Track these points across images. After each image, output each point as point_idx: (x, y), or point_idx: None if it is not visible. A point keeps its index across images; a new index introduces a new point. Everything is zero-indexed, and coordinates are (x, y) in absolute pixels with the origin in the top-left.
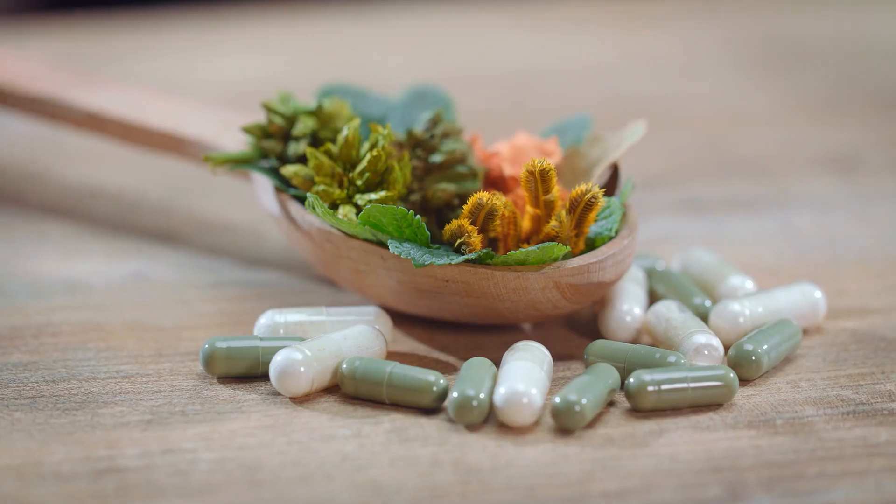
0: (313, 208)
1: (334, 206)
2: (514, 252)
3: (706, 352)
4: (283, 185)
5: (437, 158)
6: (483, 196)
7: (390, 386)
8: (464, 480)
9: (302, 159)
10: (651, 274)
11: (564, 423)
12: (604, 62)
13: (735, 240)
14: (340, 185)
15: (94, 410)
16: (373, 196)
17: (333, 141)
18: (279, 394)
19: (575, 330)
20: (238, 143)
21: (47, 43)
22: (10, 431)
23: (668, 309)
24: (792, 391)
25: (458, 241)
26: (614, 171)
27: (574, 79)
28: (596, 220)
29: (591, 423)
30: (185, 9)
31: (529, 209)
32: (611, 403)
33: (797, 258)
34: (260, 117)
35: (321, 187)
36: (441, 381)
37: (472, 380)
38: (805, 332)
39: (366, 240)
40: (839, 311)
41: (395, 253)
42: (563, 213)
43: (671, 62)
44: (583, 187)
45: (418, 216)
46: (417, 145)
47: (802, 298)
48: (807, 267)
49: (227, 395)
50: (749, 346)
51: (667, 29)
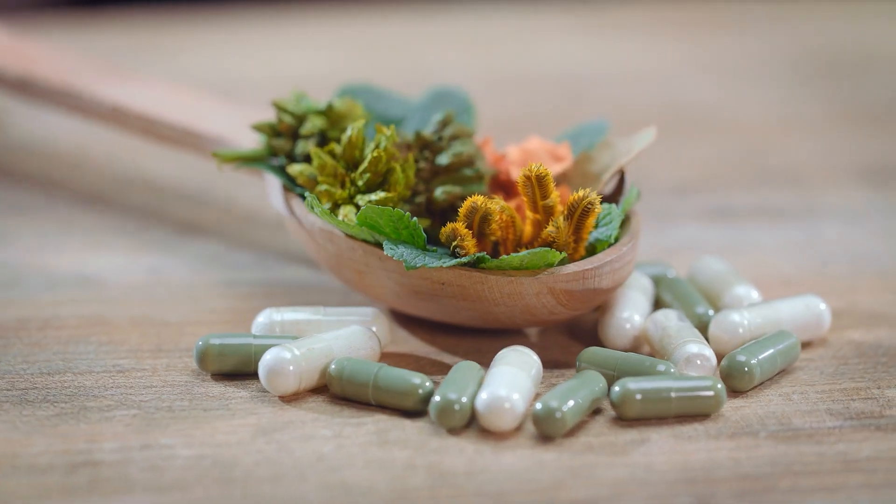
0: (312, 208)
1: (337, 206)
2: (506, 256)
3: (698, 361)
4: (291, 184)
5: (443, 160)
6: (477, 200)
7: (376, 388)
8: (434, 484)
9: (309, 158)
10: (659, 281)
11: (545, 430)
12: (658, 67)
13: (757, 249)
14: (342, 186)
15: (82, 404)
16: (372, 197)
17: (340, 141)
18: (269, 392)
19: (577, 336)
20: (254, 141)
21: (97, 36)
22: None
23: (667, 317)
24: (782, 404)
25: (453, 244)
26: (621, 178)
27: (626, 83)
28: (596, 227)
29: (574, 430)
30: (251, 5)
31: (529, 214)
32: (598, 411)
33: (817, 269)
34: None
35: (324, 187)
36: (427, 384)
37: (456, 383)
38: (808, 344)
39: (364, 241)
40: (847, 323)
41: (389, 254)
42: (561, 218)
43: (726, 68)
44: (580, 193)
45: (414, 218)
46: (425, 147)
47: (806, 310)
48: (824, 278)
49: (217, 392)
50: (742, 357)
51: (727, 35)
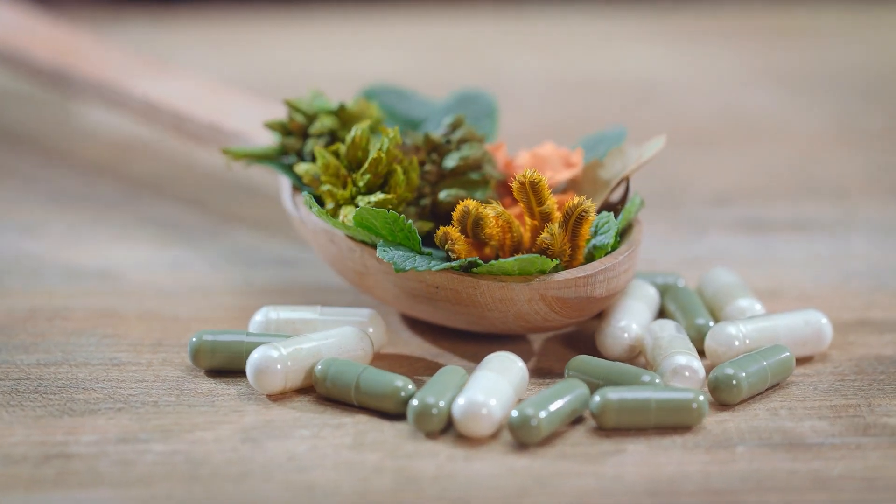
0: (310, 207)
1: (339, 207)
2: (497, 261)
3: (686, 373)
4: (299, 183)
5: (449, 164)
6: (469, 204)
7: (358, 389)
8: (399, 488)
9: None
10: (665, 291)
11: (520, 437)
12: (721, 74)
13: (782, 262)
14: (344, 186)
15: (70, 396)
16: (372, 198)
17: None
18: (257, 391)
19: (576, 345)
20: (272, 140)
21: (159, 30)
22: None
23: (662, 328)
24: (768, 419)
25: (445, 247)
26: (627, 186)
27: (688, 90)
28: (595, 235)
29: (551, 439)
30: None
31: (527, 220)
32: (580, 420)
33: (837, 284)
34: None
35: (326, 187)
36: (409, 387)
37: (436, 387)
38: (809, 359)
39: (363, 242)
40: (854, 339)
41: (380, 256)
42: (556, 225)
43: (787, 78)
44: (575, 200)
45: (409, 221)
46: (433, 149)
47: (805, 325)
48: (841, 293)
49: (206, 389)
50: (730, 371)
51: (792, 45)
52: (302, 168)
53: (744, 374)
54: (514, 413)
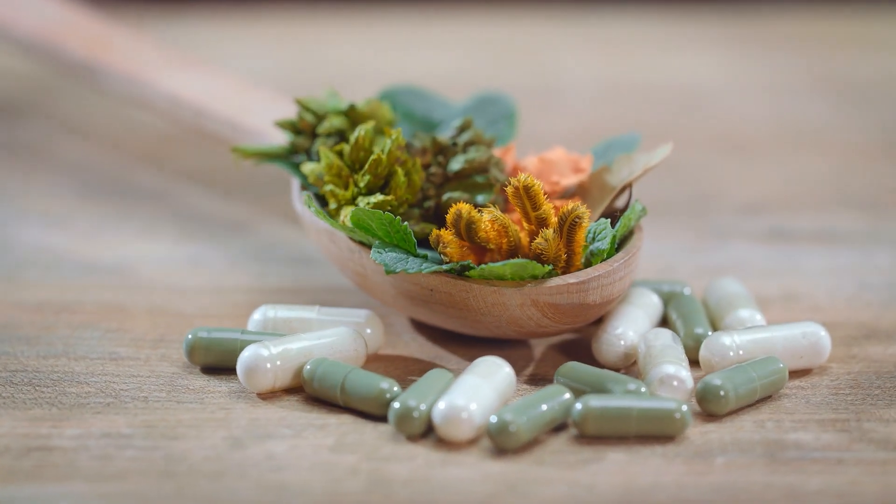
0: (308, 206)
1: (342, 207)
2: (488, 265)
3: (674, 383)
4: (306, 183)
5: (454, 166)
6: (462, 207)
7: (343, 391)
8: (369, 490)
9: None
10: (669, 299)
11: (499, 443)
12: (774, 82)
13: (800, 273)
14: (346, 187)
15: (63, 389)
16: (371, 199)
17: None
18: (248, 389)
19: (576, 352)
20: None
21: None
22: None
23: (657, 337)
24: (753, 431)
25: (438, 250)
26: (630, 193)
27: (739, 97)
28: (593, 241)
29: (532, 445)
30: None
31: (524, 225)
32: (564, 427)
33: (851, 296)
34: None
35: (329, 187)
36: (394, 390)
37: (419, 391)
38: (807, 371)
39: (360, 243)
40: (856, 352)
41: (373, 258)
42: (550, 231)
43: (840, 88)
44: (569, 206)
45: (406, 223)
46: (440, 152)
47: (802, 338)
48: (853, 306)
49: (198, 386)
50: (717, 381)
51: (848, 54)
52: (308, 168)
53: (732, 386)
54: (494, 418)
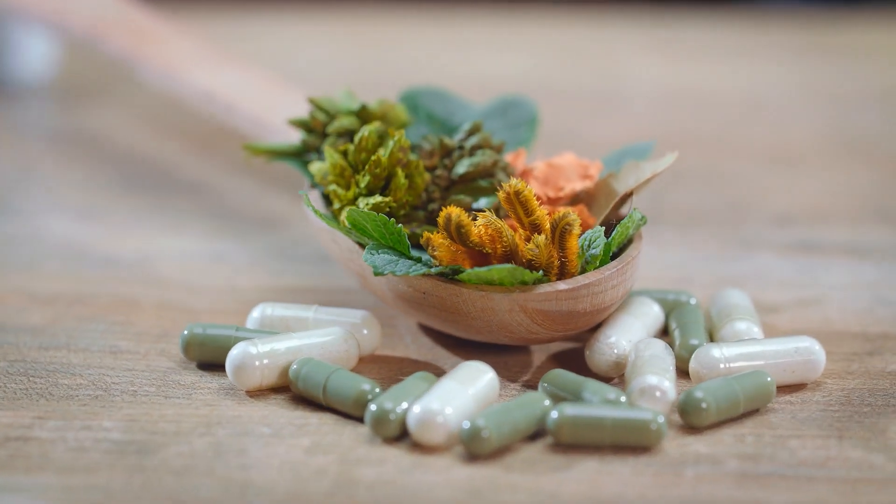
0: (307, 205)
1: (343, 208)
2: (476, 270)
3: (657, 394)
4: (313, 182)
5: (459, 170)
6: (452, 211)
7: (326, 391)
8: (333, 492)
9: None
10: (673, 309)
11: (471, 448)
12: (834, 92)
13: (819, 286)
14: (348, 187)
15: (55, 380)
16: (370, 200)
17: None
18: (237, 386)
19: (577, 360)
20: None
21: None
22: None
23: (647, 346)
24: (731, 445)
25: (428, 253)
26: (632, 201)
27: (797, 107)
28: (589, 249)
29: (505, 451)
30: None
31: (520, 231)
32: (542, 434)
33: (862, 311)
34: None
35: (333, 186)
36: (377, 391)
37: (397, 393)
38: (802, 386)
39: (359, 243)
40: (855, 368)
41: (363, 259)
42: (541, 237)
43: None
44: (560, 213)
45: (400, 225)
46: (447, 154)
47: (795, 353)
48: (863, 322)
49: (189, 382)
50: (699, 394)
51: None
52: (315, 167)
53: (713, 398)
54: (466, 424)
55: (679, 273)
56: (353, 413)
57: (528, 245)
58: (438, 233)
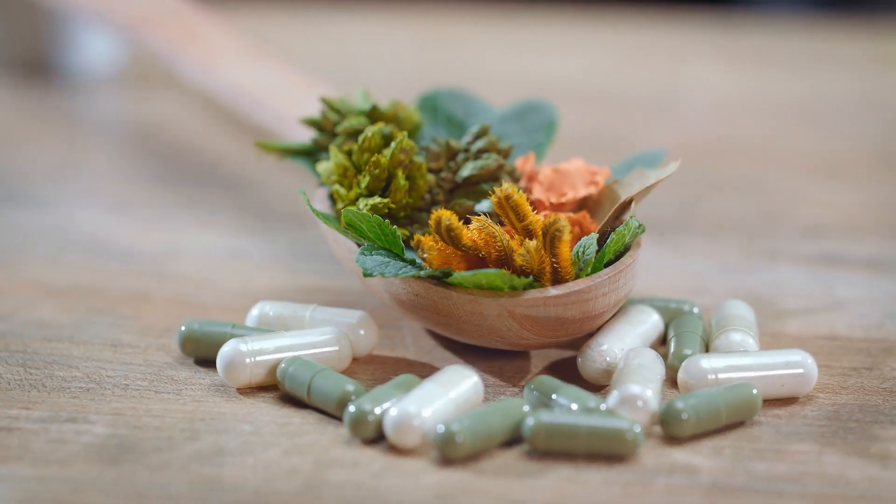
0: (306, 204)
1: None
2: (463, 273)
3: (639, 403)
4: (320, 181)
5: (464, 173)
6: (443, 213)
7: (310, 391)
8: (301, 492)
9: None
10: (672, 317)
11: (444, 452)
12: (890, 105)
13: (832, 299)
14: (350, 187)
15: (50, 372)
16: (370, 201)
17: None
18: (228, 383)
19: (574, 367)
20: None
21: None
22: None
23: (637, 355)
24: (709, 456)
25: (418, 255)
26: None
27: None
28: (583, 255)
29: (480, 456)
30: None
31: (517, 236)
32: (520, 440)
33: (870, 327)
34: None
35: (336, 186)
36: (361, 392)
37: (376, 394)
38: (793, 399)
39: (357, 243)
40: (851, 384)
41: (355, 260)
42: (532, 243)
43: None
44: (550, 219)
45: (394, 226)
46: (453, 157)
47: (785, 366)
48: (868, 337)
49: (183, 377)
50: (679, 405)
51: None
52: (322, 166)
53: (694, 409)
54: (441, 427)
55: (695, 282)
56: (336, 414)
57: (520, 250)
58: (428, 235)
